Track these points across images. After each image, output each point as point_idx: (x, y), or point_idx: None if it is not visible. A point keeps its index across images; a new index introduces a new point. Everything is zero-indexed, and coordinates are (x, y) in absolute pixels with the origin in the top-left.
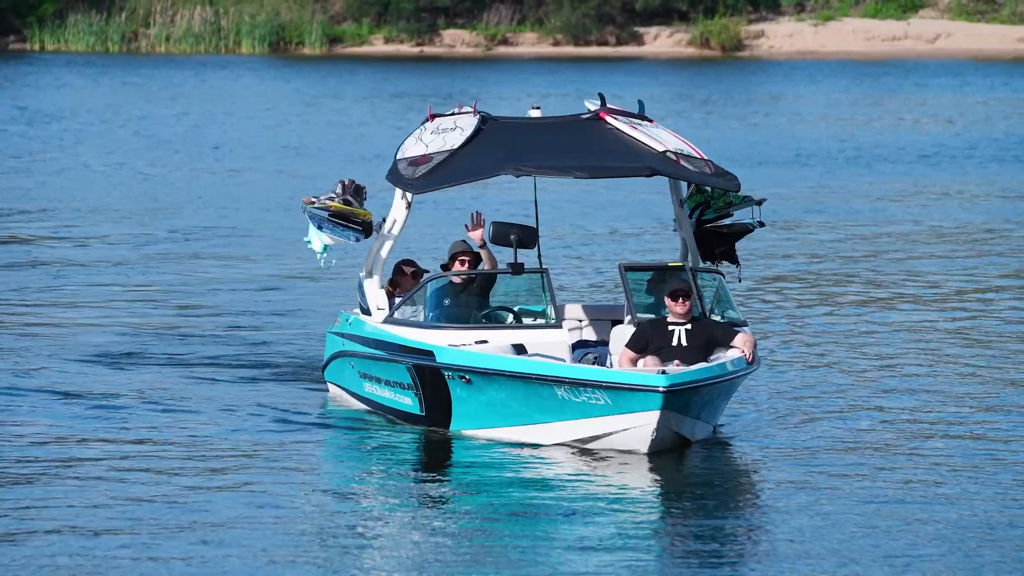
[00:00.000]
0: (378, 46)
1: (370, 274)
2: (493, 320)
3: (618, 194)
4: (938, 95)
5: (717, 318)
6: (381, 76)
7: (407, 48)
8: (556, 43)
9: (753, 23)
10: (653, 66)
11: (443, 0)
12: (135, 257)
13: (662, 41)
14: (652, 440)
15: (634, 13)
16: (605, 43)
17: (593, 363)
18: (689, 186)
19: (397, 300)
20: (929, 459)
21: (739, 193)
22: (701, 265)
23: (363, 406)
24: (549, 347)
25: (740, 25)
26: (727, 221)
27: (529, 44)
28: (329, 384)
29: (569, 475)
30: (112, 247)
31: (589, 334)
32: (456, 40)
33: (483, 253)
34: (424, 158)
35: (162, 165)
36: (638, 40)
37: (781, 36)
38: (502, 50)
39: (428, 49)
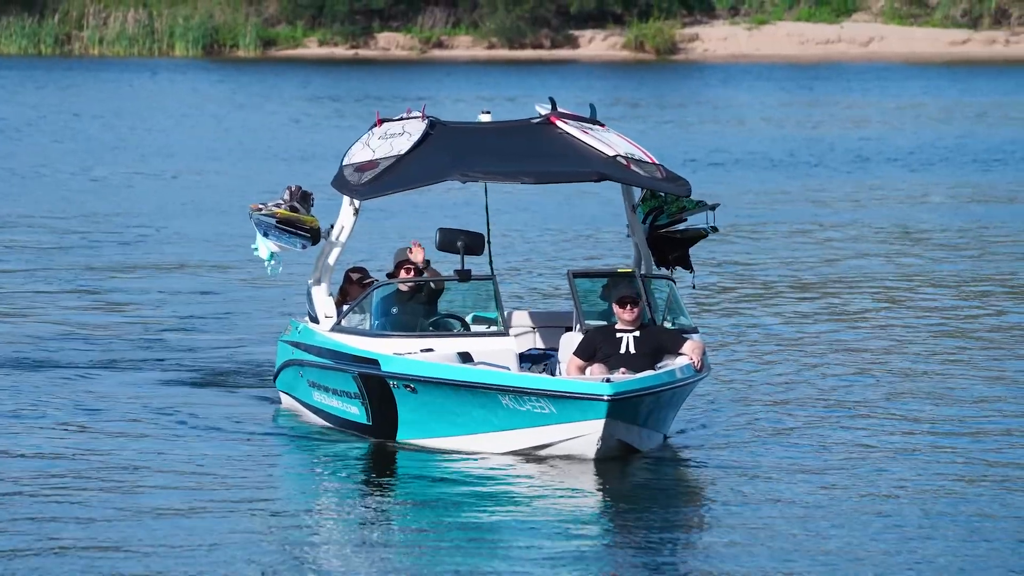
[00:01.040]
0: (312, 48)
1: (318, 282)
2: (440, 328)
3: (571, 199)
4: (871, 98)
5: (668, 325)
6: (316, 79)
7: (341, 51)
8: (491, 46)
9: (687, 26)
10: (588, 69)
11: (377, 3)
12: (72, 263)
13: (596, 44)
14: (598, 449)
15: (568, 16)
16: (540, 46)
17: (542, 371)
18: (643, 191)
19: (345, 308)
20: (883, 468)
21: (692, 198)
22: (654, 271)
23: (313, 416)
24: (496, 355)
25: (674, 28)
26: (680, 227)
27: (464, 47)
28: (280, 393)
29: (516, 486)
30: (49, 252)
31: (540, 341)
32: (391, 43)
33: (428, 273)
34: (371, 164)
35: (99, 169)
36: (572, 43)
37: (715, 39)
38: (437, 53)
39: (362, 52)
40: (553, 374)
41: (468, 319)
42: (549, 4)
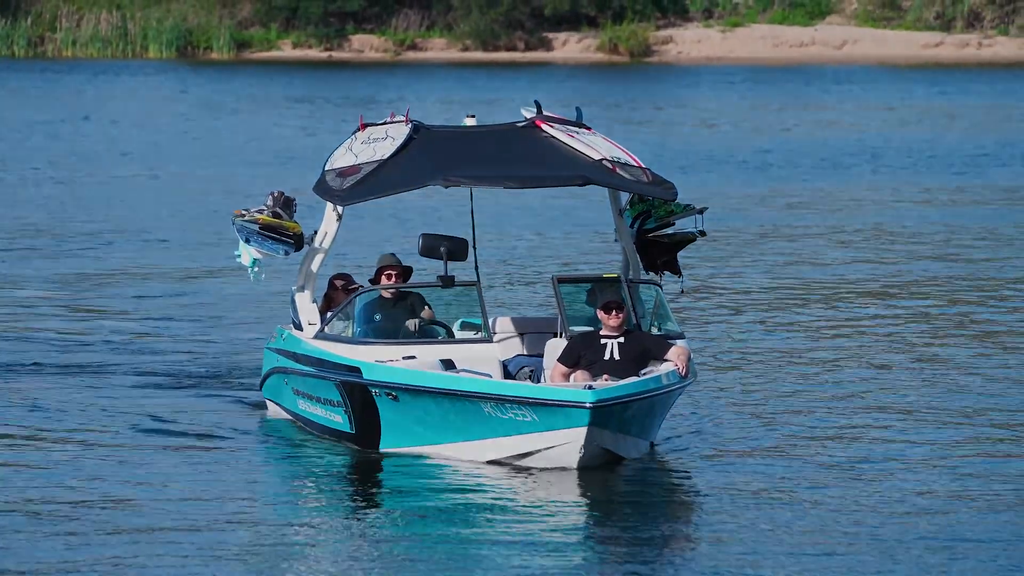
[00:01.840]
0: (286, 51)
1: (302, 288)
2: (423, 335)
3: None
4: (846, 101)
5: (655, 330)
6: (290, 81)
7: (315, 53)
8: (465, 48)
9: (661, 29)
10: (562, 71)
11: (351, 5)
12: (45, 268)
13: (571, 46)
14: (580, 457)
15: (543, 18)
16: (514, 48)
17: (529, 377)
18: (630, 195)
19: (328, 315)
20: (872, 471)
21: (679, 202)
22: (643, 275)
23: (299, 424)
24: (479, 362)
25: (648, 31)
26: (669, 231)
27: (438, 49)
28: (267, 401)
29: (500, 495)
30: (26, 257)
31: (527, 347)
32: (365, 45)
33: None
34: (353, 168)
35: (73, 171)
36: (547, 45)
37: (689, 42)
38: (411, 55)
39: (337, 54)
40: (539, 381)
41: (456, 325)
42: (523, 6)
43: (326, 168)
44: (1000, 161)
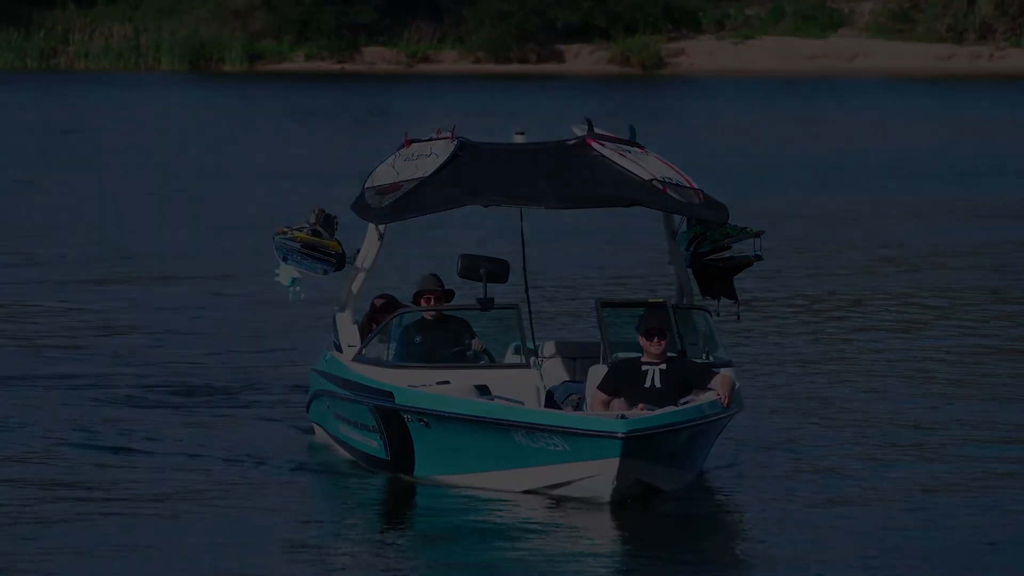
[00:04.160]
0: (299, 63)
1: (343, 309)
2: (460, 359)
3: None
4: (855, 113)
5: (704, 357)
6: (303, 93)
7: (328, 65)
8: (477, 60)
9: (673, 41)
10: (574, 83)
11: (364, 17)
12: (61, 281)
13: (583, 58)
14: (613, 489)
15: (554, 30)
16: (526, 60)
17: (577, 404)
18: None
19: (368, 336)
20: (925, 509)
21: (736, 224)
22: (697, 300)
23: (340, 448)
24: (517, 389)
25: (660, 43)
26: (725, 254)
27: (450, 62)
28: (313, 424)
29: (531, 528)
30: (51, 277)
31: (577, 373)
32: (377, 57)
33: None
34: (393, 186)
35: (83, 183)
36: (559, 57)
37: (701, 54)
38: (423, 67)
39: (349, 66)
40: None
41: (510, 349)
42: (535, 18)
43: (366, 185)
44: None
